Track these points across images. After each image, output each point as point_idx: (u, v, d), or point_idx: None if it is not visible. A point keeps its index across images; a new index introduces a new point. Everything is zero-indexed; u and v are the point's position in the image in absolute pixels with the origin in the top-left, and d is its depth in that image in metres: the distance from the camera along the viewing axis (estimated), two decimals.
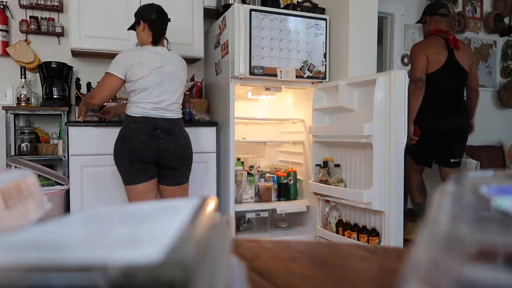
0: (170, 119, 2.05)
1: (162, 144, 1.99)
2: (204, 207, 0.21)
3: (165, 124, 2.02)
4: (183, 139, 2.09)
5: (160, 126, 2.01)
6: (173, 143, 2.03)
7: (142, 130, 1.98)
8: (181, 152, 2.07)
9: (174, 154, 2.04)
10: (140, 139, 1.98)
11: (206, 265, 0.15)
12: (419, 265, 0.14)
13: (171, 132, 2.03)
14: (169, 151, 2.01)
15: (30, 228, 0.18)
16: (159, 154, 2.00)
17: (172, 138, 2.03)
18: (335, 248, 0.41)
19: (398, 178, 2.11)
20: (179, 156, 2.07)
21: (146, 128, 1.98)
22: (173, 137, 2.04)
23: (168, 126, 2.03)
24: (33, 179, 0.31)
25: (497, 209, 0.18)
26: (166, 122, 2.03)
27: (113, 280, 0.12)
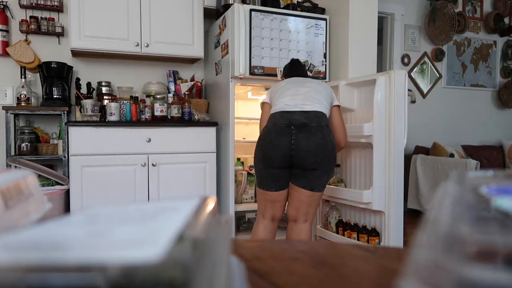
0: (308, 111, 1.80)
1: (293, 140, 1.76)
2: (204, 207, 0.21)
3: (301, 118, 1.78)
4: (318, 135, 1.78)
5: (295, 121, 1.78)
6: (305, 139, 1.76)
7: (275, 128, 1.80)
8: (313, 148, 1.77)
9: (306, 151, 1.77)
10: (270, 139, 1.80)
11: (206, 265, 0.15)
12: (419, 265, 0.14)
13: (306, 126, 1.77)
14: (300, 147, 1.76)
15: (30, 228, 0.18)
16: (290, 154, 1.78)
17: (305, 133, 1.77)
18: (335, 248, 0.41)
19: (398, 178, 2.11)
20: (311, 154, 1.77)
21: (280, 125, 1.79)
22: (306, 132, 1.77)
23: (305, 120, 1.78)
24: (33, 179, 0.31)
25: (497, 209, 0.18)
26: (303, 116, 1.78)
27: (113, 280, 0.12)
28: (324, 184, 1.90)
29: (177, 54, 2.81)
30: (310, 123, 1.78)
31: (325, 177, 1.88)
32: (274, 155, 1.80)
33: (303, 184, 1.84)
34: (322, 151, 1.79)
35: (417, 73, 4.33)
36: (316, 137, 1.78)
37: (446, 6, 4.30)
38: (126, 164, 2.48)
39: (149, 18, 2.71)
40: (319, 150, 1.78)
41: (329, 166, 1.86)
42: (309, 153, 1.77)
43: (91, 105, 2.50)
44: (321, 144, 1.78)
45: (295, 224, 1.94)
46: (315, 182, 1.84)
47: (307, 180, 1.83)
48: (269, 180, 1.87)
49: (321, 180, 1.86)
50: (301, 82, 1.96)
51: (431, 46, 4.38)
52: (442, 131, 4.41)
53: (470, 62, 4.61)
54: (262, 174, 1.88)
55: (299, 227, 1.93)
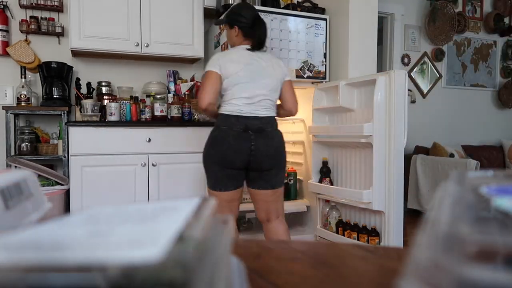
0: (262, 117, 1.90)
1: (252, 146, 1.85)
2: (204, 207, 0.21)
3: (257, 123, 1.88)
4: (276, 139, 1.93)
5: (251, 126, 1.86)
6: (264, 144, 1.88)
7: (233, 133, 1.85)
8: (272, 153, 1.90)
9: (265, 155, 1.88)
10: (229, 143, 1.85)
11: (206, 265, 0.15)
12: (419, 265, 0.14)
13: (263, 132, 1.88)
14: (260, 152, 1.87)
15: (30, 228, 0.18)
16: (249, 158, 1.86)
17: (263, 139, 1.88)
18: (335, 248, 0.41)
19: (398, 178, 2.11)
20: (269, 157, 1.90)
21: (236, 130, 1.85)
22: (264, 138, 1.89)
23: (260, 125, 1.88)
24: (33, 179, 0.31)
25: (497, 209, 0.18)
26: (257, 121, 1.88)
27: (113, 280, 0.12)
28: (282, 179, 2.02)
29: (177, 54, 2.81)
30: (266, 127, 1.90)
31: (282, 173, 2.01)
32: (234, 159, 1.85)
33: (263, 185, 1.95)
34: (279, 153, 1.94)
35: (417, 73, 4.34)
36: (274, 142, 1.92)
37: (446, 6, 4.30)
38: (126, 164, 2.48)
39: (149, 18, 2.71)
40: (277, 153, 1.93)
41: (284, 164, 2.00)
42: (268, 157, 1.89)
43: (91, 105, 2.50)
44: (278, 148, 1.93)
45: (269, 223, 2.02)
46: (274, 180, 1.96)
47: (265, 181, 1.94)
48: (227, 180, 1.90)
49: (278, 177, 1.97)
50: (260, 74, 1.92)
51: (431, 46, 4.38)
52: (442, 131, 4.41)
53: (470, 62, 4.62)
54: (218, 176, 1.89)
55: (273, 225, 2.02)
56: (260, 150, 1.86)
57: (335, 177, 2.59)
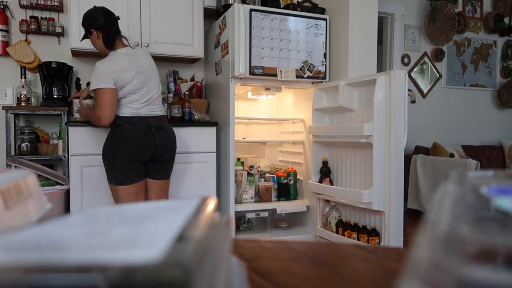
0: (158, 116, 2.16)
1: (157, 140, 2.11)
2: (204, 207, 0.21)
3: (155, 121, 2.12)
4: (172, 134, 2.22)
5: (152, 124, 2.11)
6: (165, 138, 2.16)
7: (139, 129, 2.07)
8: (171, 146, 2.21)
9: (167, 148, 2.17)
10: (138, 138, 2.06)
11: (206, 265, 0.15)
12: (419, 265, 0.14)
13: (161, 128, 2.15)
14: (163, 146, 2.15)
15: (30, 228, 0.18)
16: (155, 151, 2.11)
17: (164, 134, 2.15)
18: (335, 248, 0.41)
19: (398, 178, 2.11)
20: (170, 150, 2.21)
21: (142, 127, 2.07)
22: (164, 133, 2.16)
23: (158, 123, 2.14)
24: (33, 179, 0.31)
25: (497, 209, 0.18)
26: (155, 119, 2.13)
27: (112, 280, 0.12)
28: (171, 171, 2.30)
29: (177, 54, 2.81)
30: (163, 125, 2.17)
31: (172, 164, 2.29)
32: (143, 152, 2.08)
33: (162, 175, 2.22)
34: (175, 146, 2.24)
35: (417, 73, 4.34)
36: (170, 136, 2.21)
37: (446, 6, 4.30)
38: None
39: (149, 18, 2.71)
40: (174, 146, 2.23)
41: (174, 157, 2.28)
42: (170, 149, 2.20)
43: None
44: (174, 141, 2.23)
45: None
46: (169, 171, 2.27)
47: (164, 170, 2.23)
48: (134, 173, 2.09)
49: (171, 168, 2.28)
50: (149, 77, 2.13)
51: (431, 46, 4.38)
52: (442, 131, 4.41)
53: (470, 62, 4.61)
54: (126, 169, 2.06)
55: None
56: (163, 144, 2.14)
57: (335, 177, 2.59)
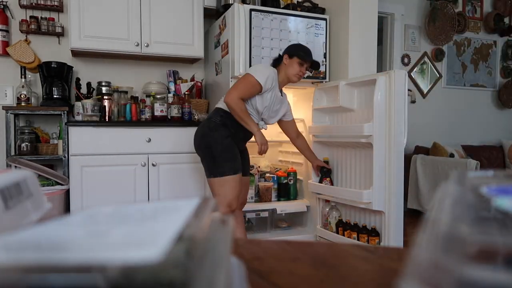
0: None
1: None
2: (204, 207, 0.21)
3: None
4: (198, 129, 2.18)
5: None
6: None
7: None
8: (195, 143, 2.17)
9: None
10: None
11: (206, 265, 0.15)
12: (419, 265, 0.14)
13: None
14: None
15: (30, 228, 0.18)
16: None
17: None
18: (335, 248, 0.41)
19: (398, 178, 2.11)
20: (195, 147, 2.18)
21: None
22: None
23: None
24: (33, 179, 0.31)
25: (497, 209, 0.18)
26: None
27: (113, 280, 0.12)
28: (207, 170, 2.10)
29: (177, 54, 2.81)
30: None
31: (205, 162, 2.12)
32: None
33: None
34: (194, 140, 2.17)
35: (417, 73, 4.33)
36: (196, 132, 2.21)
37: (446, 6, 4.30)
38: (126, 164, 2.48)
39: (149, 18, 2.71)
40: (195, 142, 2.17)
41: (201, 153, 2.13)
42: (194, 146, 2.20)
43: (91, 105, 2.50)
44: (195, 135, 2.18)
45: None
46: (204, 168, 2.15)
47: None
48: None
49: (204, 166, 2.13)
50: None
51: (431, 46, 4.38)
52: (442, 131, 4.41)
53: (470, 62, 4.61)
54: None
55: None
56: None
57: (335, 177, 2.59)
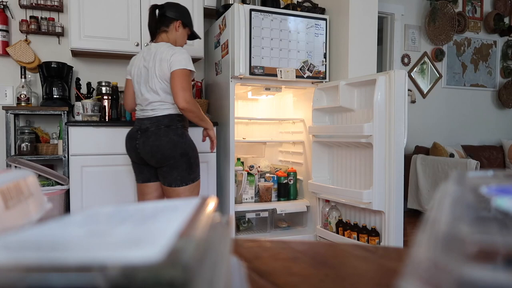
0: (152, 117, 1.95)
1: (137, 144, 1.97)
2: (204, 207, 0.21)
3: (146, 123, 1.95)
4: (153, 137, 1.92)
5: (142, 126, 1.96)
6: (142, 143, 1.94)
7: (129, 132, 2.06)
8: (148, 151, 1.93)
9: (145, 152, 1.95)
10: (125, 141, 2.06)
11: (206, 265, 0.15)
12: (419, 265, 0.14)
13: (147, 131, 1.94)
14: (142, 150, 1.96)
15: (30, 228, 0.18)
16: (139, 155, 1.98)
17: (145, 137, 1.94)
18: (335, 248, 0.41)
19: (398, 178, 2.11)
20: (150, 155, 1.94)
21: (132, 130, 2.05)
22: (146, 136, 1.94)
23: (148, 125, 1.94)
24: (33, 179, 0.31)
25: (497, 209, 0.18)
26: (148, 121, 1.95)
27: (113, 280, 0.12)
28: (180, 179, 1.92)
29: None
30: (150, 127, 1.94)
31: (176, 172, 1.91)
32: (130, 154, 2.06)
33: (162, 181, 1.99)
34: (156, 151, 1.91)
35: (417, 73, 4.33)
36: (150, 140, 1.92)
37: (446, 6, 4.30)
38: (126, 164, 2.48)
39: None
40: (154, 151, 1.91)
41: (174, 162, 1.91)
42: (147, 154, 1.95)
43: (91, 105, 2.50)
44: (155, 146, 1.91)
45: None
46: (168, 178, 1.93)
47: (162, 177, 1.97)
48: (136, 172, 2.09)
49: (173, 175, 1.92)
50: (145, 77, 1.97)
51: (431, 46, 4.38)
52: (442, 131, 4.41)
53: (470, 62, 4.61)
54: (133, 168, 2.11)
55: None
56: (142, 148, 1.95)
57: (335, 177, 2.59)
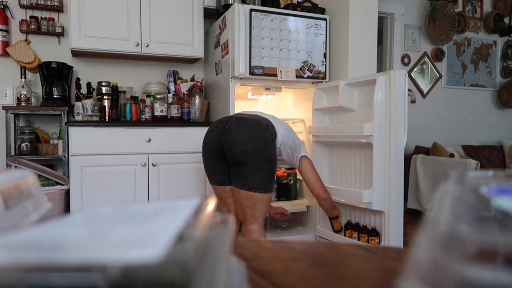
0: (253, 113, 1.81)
1: (226, 126, 1.69)
2: (204, 207, 0.21)
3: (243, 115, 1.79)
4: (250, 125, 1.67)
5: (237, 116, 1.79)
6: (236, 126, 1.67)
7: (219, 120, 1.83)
8: (241, 137, 1.64)
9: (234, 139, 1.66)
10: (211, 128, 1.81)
11: (206, 265, 0.15)
12: (419, 265, 0.14)
13: (241, 118, 1.71)
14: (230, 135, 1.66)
15: (30, 228, 0.18)
16: (220, 141, 1.71)
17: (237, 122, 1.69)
18: (335, 248, 0.41)
19: (398, 178, 2.11)
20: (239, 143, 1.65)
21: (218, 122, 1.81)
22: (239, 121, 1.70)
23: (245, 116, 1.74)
24: (33, 179, 0.31)
25: (497, 209, 0.18)
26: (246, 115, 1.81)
27: (113, 280, 0.12)
28: (262, 184, 1.70)
29: (177, 54, 2.81)
30: (248, 117, 1.77)
31: (259, 176, 1.69)
32: (207, 141, 1.79)
33: (237, 182, 1.73)
34: (249, 139, 1.65)
35: (417, 73, 4.33)
36: (246, 126, 1.68)
37: (446, 6, 4.30)
38: (126, 164, 2.48)
39: (149, 18, 2.71)
40: (247, 140, 1.65)
41: (259, 163, 1.68)
42: (234, 142, 1.66)
43: (91, 105, 2.50)
44: (249, 133, 1.66)
45: (244, 225, 1.85)
46: (250, 181, 1.68)
47: (242, 178, 1.70)
48: (210, 174, 1.87)
49: (255, 179, 1.68)
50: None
51: (431, 46, 4.38)
52: (442, 131, 4.41)
53: (470, 62, 4.61)
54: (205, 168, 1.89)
55: (247, 229, 1.82)
56: (231, 133, 1.68)
57: (335, 177, 2.59)
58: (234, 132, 1.68)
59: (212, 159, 1.81)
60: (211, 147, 1.77)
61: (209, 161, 1.83)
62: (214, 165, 1.82)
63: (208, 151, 1.80)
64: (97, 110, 2.53)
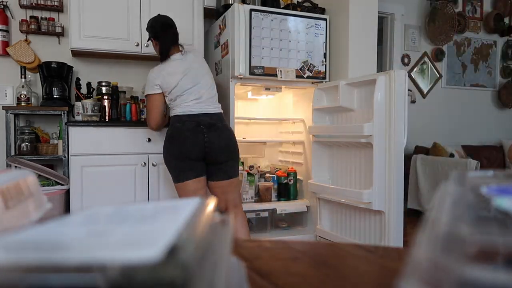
0: (211, 113, 2.11)
1: (206, 138, 2.05)
2: (204, 207, 0.21)
3: (207, 119, 2.08)
4: (226, 133, 2.12)
5: (203, 121, 2.07)
6: (216, 137, 2.07)
7: (186, 127, 2.06)
8: (224, 145, 2.09)
9: (218, 147, 2.08)
10: (185, 136, 2.05)
11: (206, 265, 0.15)
12: (419, 265, 0.14)
13: (213, 126, 2.08)
14: (213, 144, 2.06)
15: (30, 228, 0.18)
16: (204, 149, 2.05)
17: (215, 132, 2.07)
18: (335, 248, 0.41)
19: (398, 178, 2.11)
20: (223, 149, 2.10)
21: (190, 125, 2.06)
22: (215, 131, 2.08)
23: (210, 121, 2.08)
24: (33, 179, 0.31)
25: (497, 209, 0.18)
26: (208, 117, 2.08)
27: (113, 280, 0.12)
28: (237, 170, 2.22)
29: None
30: (216, 123, 2.10)
31: (236, 165, 2.21)
32: (192, 149, 2.05)
33: (221, 176, 2.14)
34: (229, 145, 2.12)
35: (417, 73, 4.33)
36: (224, 135, 2.11)
37: (446, 6, 4.30)
38: (126, 164, 2.48)
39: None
40: (228, 145, 2.12)
41: (237, 156, 2.19)
42: (221, 149, 2.09)
43: (91, 105, 2.50)
44: (230, 141, 2.13)
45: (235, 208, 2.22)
46: (230, 171, 2.15)
47: (223, 172, 2.13)
48: (188, 171, 2.08)
49: (234, 168, 2.18)
50: (195, 76, 2.14)
51: (431, 46, 4.38)
52: (442, 131, 4.41)
53: (470, 62, 4.61)
54: (179, 167, 2.08)
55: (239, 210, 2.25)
56: (214, 143, 2.06)
57: (335, 177, 2.59)
58: (216, 143, 2.07)
59: (189, 159, 2.07)
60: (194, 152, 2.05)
61: (186, 160, 2.07)
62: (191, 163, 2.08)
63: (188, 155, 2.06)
64: (97, 110, 2.53)
